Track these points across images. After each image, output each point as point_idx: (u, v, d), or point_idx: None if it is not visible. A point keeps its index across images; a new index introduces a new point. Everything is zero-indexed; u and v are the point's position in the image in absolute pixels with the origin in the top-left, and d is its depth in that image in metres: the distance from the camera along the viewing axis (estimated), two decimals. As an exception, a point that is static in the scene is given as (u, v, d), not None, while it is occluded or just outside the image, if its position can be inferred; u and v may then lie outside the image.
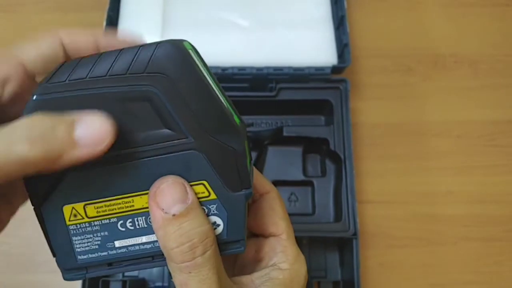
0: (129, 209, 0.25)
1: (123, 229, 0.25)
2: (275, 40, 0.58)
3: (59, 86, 0.22)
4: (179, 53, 0.23)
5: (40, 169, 0.20)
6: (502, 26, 0.65)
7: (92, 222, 0.25)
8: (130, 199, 0.24)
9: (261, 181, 0.31)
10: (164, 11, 0.59)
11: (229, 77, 0.55)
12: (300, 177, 0.56)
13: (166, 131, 0.23)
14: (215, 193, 0.25)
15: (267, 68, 0.55)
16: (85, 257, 0.25)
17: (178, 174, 0.24)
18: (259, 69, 0.55)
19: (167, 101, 0.23)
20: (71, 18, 0.64)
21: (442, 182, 0.58)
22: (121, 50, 0.23)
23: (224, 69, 0.54)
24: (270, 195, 0.31)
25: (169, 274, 0.50)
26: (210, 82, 0.24)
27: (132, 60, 0.22)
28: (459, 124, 0.60)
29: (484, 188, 0.58)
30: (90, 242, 0.25)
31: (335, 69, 0.56)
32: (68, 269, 0.26)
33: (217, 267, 0.24)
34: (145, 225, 0.25)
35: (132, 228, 0.25)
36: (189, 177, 0.24)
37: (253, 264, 0.30)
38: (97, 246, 0.25)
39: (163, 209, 0.23)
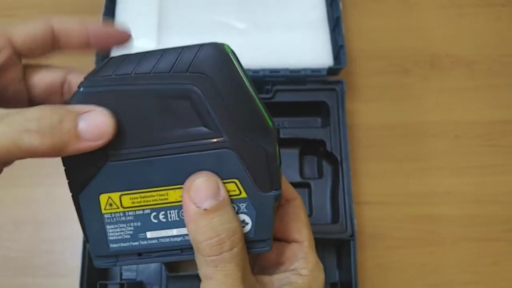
0: (163, 201, 0.25)
1: (156, 221, 0.26)
2: (271, 42, 0.58)
3: (105, 80, 0.24)
4: (220, 55, 0.24)
5: (43, 156, 0.22)
6: (498, 26, 0.65)
7: (127, 212, 0.26)
8: (164, 192, 0.25)
9: (287, 187, 0.32)
10: (160, 14, 0.59)
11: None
12: (297, 178, 0.56)
13: (203, 129, 0.24)
14: (245, 192, 0.25)
15: (264, 70, 0.55)
16: (116, 245, 0.26)
17: (211, 171, 0.25)
18: (256, 71, 0.55)
19: (206, 100, 0.24)
20: (68, 22, 0.64)
21: (440, 183, 0.58)
22: (164, 49, 0.24)
23: (220, 71, 0.54)
24: (296, 202, 0.32)
25: (167, 277, 0.50)
26: (247, 84, 0.25)
27: (176, 59, 0.24)
28: (456, 125, 0.60)
29: (481, 188, 0.58)
30: (123, 231, 0.26)
31: (331, 71, 0.56)
32: (100, 256, 0.27)
33: (242, 264, 0.25)
34: (177, 218, 0.26)
35: (164, 220, 0.26)
36: (222, 175, 0.25)
37: (273, 267, 0.31)
38: (129, 236, 0.26)
39: (195, 203, 0.24)
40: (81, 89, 0.24)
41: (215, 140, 0.24)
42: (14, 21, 0.65)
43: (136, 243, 0.26)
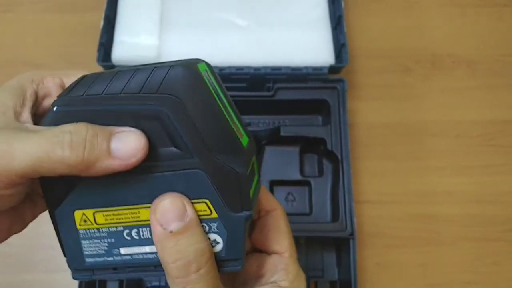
0: (135, 220, 0.26)
1: (129, 238, 0.26)
2: (273, 40, 0.58)
3: (77, 100, 0.24)
4: (191, 75, 0.24)
5: (75, 172, 0.22)
6: (500, 26, 0.65)
7: (101, 229, 0.26)
8: (136, 210, 0.25)
9: (267, 198, 0.32)
10: (162, 10, 0.59)
11: (227, 76, 0.55)
12: (298, 177, 0.56)
13: (174, 149, 0.24)
14: (216, 212, 0.25)
15: (265, 68, 0.55)
16: (92, 260, 0.27)
17: (181, 191, 0.25)
18: (257, 69, 0.55)
19: (175, 121, 0.24)
20: (69, 18, 0.64)
21: (440, 182, 0.58)
22: (136, 69, 0.24)
23: (222, 68, 0.54)
24: (276, 213, 0.31)
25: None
26: (221, 103, 0.25)
27: (146, 80, 0.24)
28: (457, 124, 0.60)
29: (482, 188, 0.58)
30: (98, 247, 0.26)
31: (332, 69, 0.56)
32: (77, 269, 0.27)
33: (212, 282, 0.25)
34: (149, 236, 0.26)
35: (137, 237, 0.26)
36: (192, 195, 0.25)
37: (254, 279, 0.31)
38: (103, 251, 0.26)
39: (161, 225, 0.24)
40: (54, 108, 0.24)
41: (185, 160, 0.24)
42: (14, 16, 0.65)
43: (111, 258, 0.27)
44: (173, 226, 0.24)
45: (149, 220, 0.25)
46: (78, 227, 0.26)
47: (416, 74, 0.62)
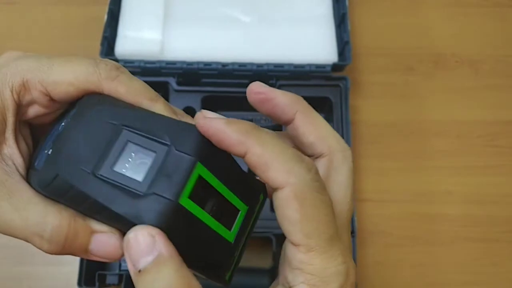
0: None
1: None
2: (276, 36, 0.58)
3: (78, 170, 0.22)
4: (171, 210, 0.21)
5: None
6: (503, 27, 0.65)
7: None
8: None
9: (268, 175, 0.22)
10: (166, 5, 0.59)
11: (229, 73, 0.55)
12: (299, 174, 0.55)
13: None
14: None
15: (268, 64, 0.55)
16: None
17: None
18: (260, 65, 0.55)
19: None
20: (73, 11, 0.64)
21: (441, 182, 0.58)
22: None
23: (224, 64, 0.54)
24: (281, 194, 0.22)
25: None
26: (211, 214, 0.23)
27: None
28: (459, 124, 0.60)
29: (483, 189, 0.58)
30: None
31: (335, 67, 0.56)
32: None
33: None
34: None
35: None
36: None
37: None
38: None
39: (132, 263, 0.21)
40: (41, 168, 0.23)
41: None
42: (18, 8, 0.65)
43: None
44: (141, 264, 0.20)
45: None
46: None
47: (418, 73, 0.62)
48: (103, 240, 0.23)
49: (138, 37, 0.57)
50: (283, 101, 0.26)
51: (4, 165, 0.23)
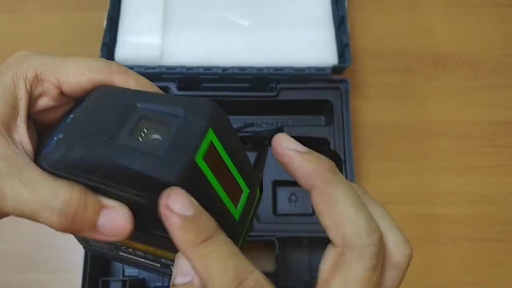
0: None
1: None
2: (275, 40, 0.58)
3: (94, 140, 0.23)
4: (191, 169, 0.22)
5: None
6: (503, 27, 0.65)
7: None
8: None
9: (300, 174, 0.24)
10: (165, 10, 0.59)
11: (229, 77, 0.55)
12: (300, 177, 0.55)
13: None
14: None
15: (268, 68, 0.55)
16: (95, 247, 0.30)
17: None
18: (260, 69, 0.55)
19: None
20: (72, 17, 0.64)
21: (442, 182, 0.58)
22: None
23: (224, 69, 0.54)
24: (315, 192, 0.23)
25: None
26: (219, 182, 0.23)
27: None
28: (459, 124, 0.60)
29: (484, 189, 0.58)
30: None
31: (335, 69, 0.56)
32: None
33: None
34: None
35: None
36: None
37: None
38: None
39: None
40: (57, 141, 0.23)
41: None
42: (18, 15, 0.65)
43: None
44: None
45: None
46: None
47: (419, 74, 0.62)
48: (112, 216, 0.23)
49: (138, 43, 0.57)
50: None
51: (15, 147, 0.24)
